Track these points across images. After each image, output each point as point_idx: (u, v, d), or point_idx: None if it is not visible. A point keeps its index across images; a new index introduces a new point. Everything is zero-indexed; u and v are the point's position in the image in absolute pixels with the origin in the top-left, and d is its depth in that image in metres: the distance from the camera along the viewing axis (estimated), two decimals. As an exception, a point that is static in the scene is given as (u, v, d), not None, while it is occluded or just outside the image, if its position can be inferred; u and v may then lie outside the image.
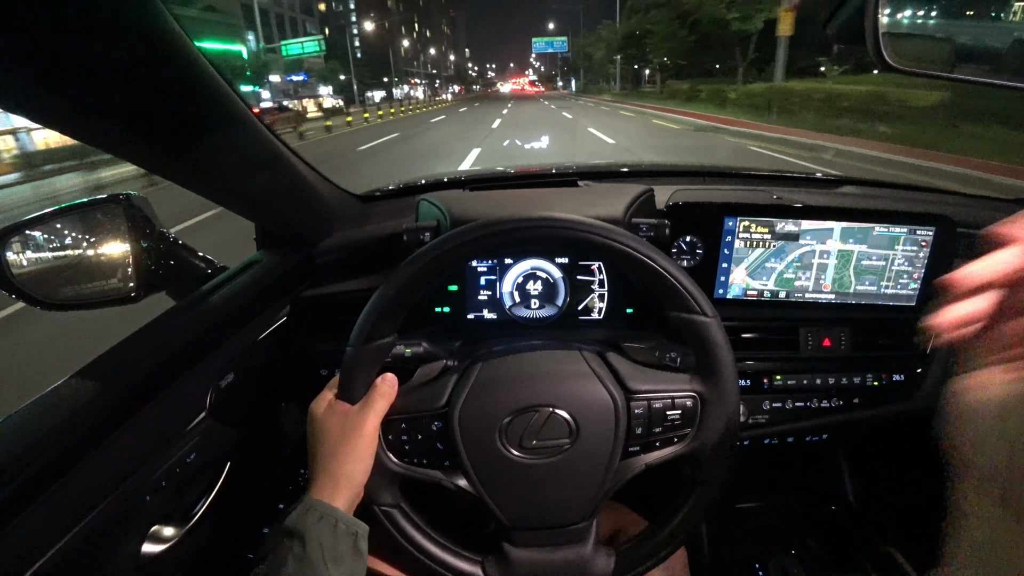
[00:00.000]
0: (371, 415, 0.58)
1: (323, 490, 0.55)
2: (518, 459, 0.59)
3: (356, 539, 0.53)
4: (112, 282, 0.74)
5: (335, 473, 0.56)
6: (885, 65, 0.69)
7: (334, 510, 0.53)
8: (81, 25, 0.42)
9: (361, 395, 0.59)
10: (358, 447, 0.57)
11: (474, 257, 0.79)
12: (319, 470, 0.57)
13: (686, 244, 0.86)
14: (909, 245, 0.82)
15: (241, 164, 0.69)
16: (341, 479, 0.56)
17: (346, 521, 0.54)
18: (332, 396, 0.60)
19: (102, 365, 0.62)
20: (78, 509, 0.52)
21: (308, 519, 0.52)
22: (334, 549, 0.51)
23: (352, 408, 0.58)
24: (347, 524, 0.53)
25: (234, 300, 0.78)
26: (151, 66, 0.49)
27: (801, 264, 0.84)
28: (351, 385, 0.59)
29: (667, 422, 0.60)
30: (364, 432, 0.57)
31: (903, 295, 0.84)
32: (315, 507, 0.53)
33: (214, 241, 4.56)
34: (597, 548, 0.63)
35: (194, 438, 0.66)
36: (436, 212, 0.86)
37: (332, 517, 0.53)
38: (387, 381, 0.60)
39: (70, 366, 0.61)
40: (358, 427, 0.57)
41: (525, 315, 0.86)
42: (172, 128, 0.57)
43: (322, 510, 0.53)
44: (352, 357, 0.58)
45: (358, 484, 0.58)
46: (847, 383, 0.88)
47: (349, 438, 0.57)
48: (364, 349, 0.58)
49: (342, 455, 0.56)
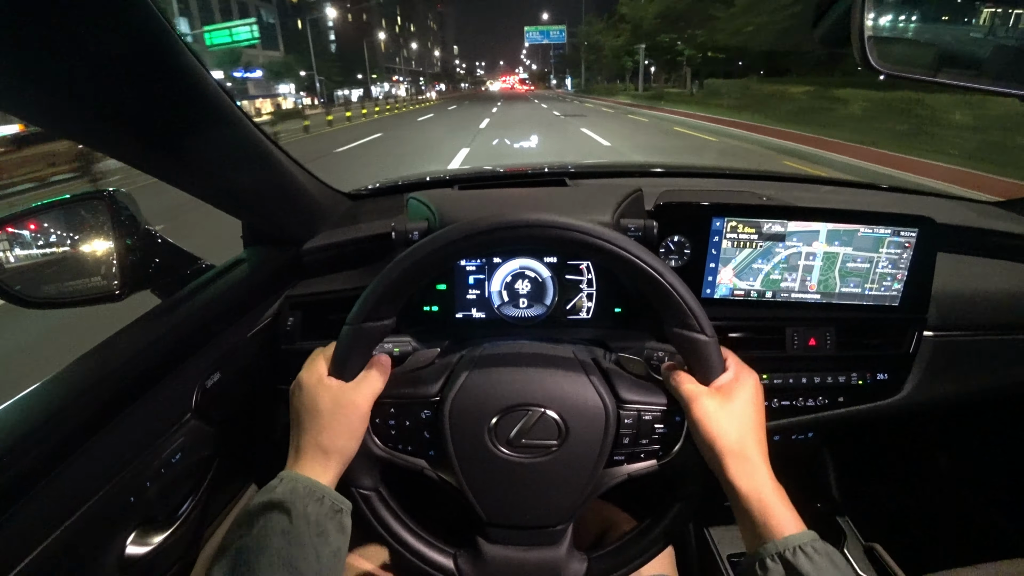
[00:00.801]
0: (368, 392, 0.57)
1: (311, 464, 0.54)
2: (504, 456, 0.59)
3: (341, 515, 0.53)
4: (96, 280, 0.73)
5: (327, 447, 0.55)
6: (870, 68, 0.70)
7: (321, 485, 0.53)
8: (65, 19, 0.41)
9: (354, 374, 0.58)
10: (353, 423, 0.56)
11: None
12: (308, 443, 0.56)
13: (674, 244, 0.87)
14: (893, 248, 0.83)
15: (228, 161, 0.68)
16: (333, 454, 0.55)
17: (332, 497, 0.53)
18: (322, 369, 0.59)
19: (85, 364, 0.61)
20: (61, 511, 0.51)
21: (295, 493, 0.51)
22: (320, 524, 0.50)
23: (347, 384, 0.57)
24: (333, 500, 0.53)
25: (221, 298, 0.77)
26: (137, 61, 0.48)
27: (787, 265, 0.85)
28: (345, 362, 0.58)
29: (655, 435, 0.61)
30: (359, 408, 0.56)
31: (887, 295, 0.86)
32: (301, 481, 0.52)
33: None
34: (571, 552, 0.63)
35: (180, 438, 0.65)
36: (425, 211, 0.85)
37: (319, 492, 0.52)
38: (382, 362, 0.60)
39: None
40: (353, 403, 0.56)
41: (513, 314, 0.86)
42: (157, 124, 0.56)
43: (309, 484, 0.52)
44: (349, 335, 0.57)
45: (347, 460, 0.57)
46: (832, 382, 0.89)
47: (344, 413, 0.56)
48: (362, 328, 0.57)
49: (335, 430, 0.55)
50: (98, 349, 0.64)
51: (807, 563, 0.47)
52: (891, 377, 0.90)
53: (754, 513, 0.52)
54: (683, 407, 0.58)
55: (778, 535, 0.50)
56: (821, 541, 0.49)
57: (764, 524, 0.51)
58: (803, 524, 0.51)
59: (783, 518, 0.51)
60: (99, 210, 0.73)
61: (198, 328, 0.72)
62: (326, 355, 0.60)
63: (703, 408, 0.55)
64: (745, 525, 0.54)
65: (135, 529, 0.62)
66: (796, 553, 0.48)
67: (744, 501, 0.53)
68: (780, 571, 0.48)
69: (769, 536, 0.50)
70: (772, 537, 0.50)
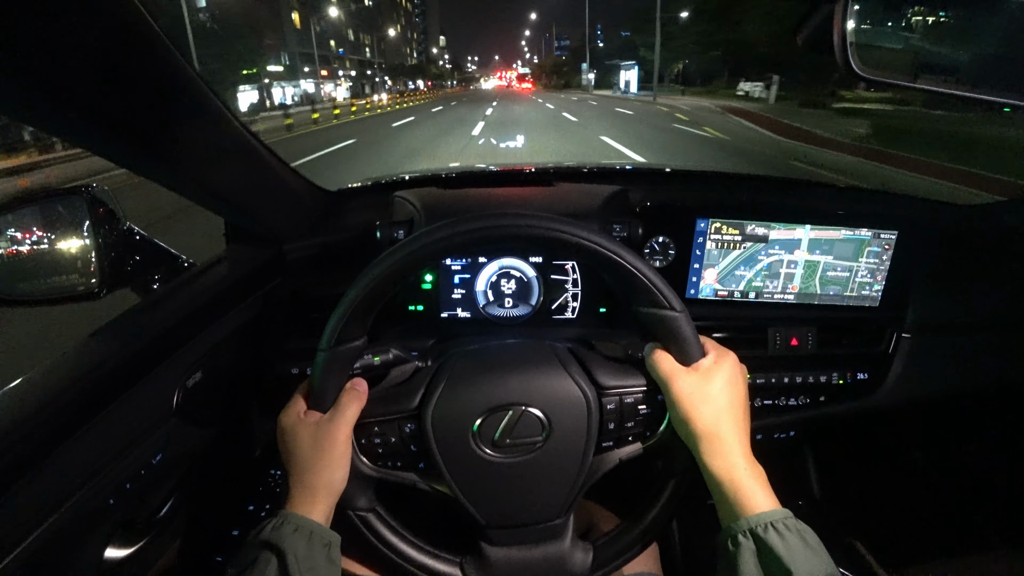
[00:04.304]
0: (342, 423, 0.57)
1: (300, 502, 0.55)
2: (492, 458, 0.59)
3: (329, 549, 0.54)
4: (74, 277, 0.72)
5: (312, 484, 0.56)
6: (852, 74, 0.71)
7: (309, 522, 0.54)
8: (47, 13, 0.40)
9: (332, 401, 0.58)
10: (333, 456, 0.56)
11: (443, 257, 0.79)
12: (295, 483, 0.56)
13: (659, 244, 0.88)
14: (871, 258, 0.85)
15: (210, 157, 0.67)
16: (319, 490, 0.56)
17: (320, 532, 0.54)
18: (300, 407, 0.59)
19: (63, 363, 0.60)
20: (38, 513, 0.50)
21: (284, 531, 0.52)
22: (309, 559, 0.51)
23: (323, 417, 0.58)
24: (321, 535, 0.54)
25: (202, 297, 0.76)
26: (118, 56, 0.48)
27: (769, 273, 0.87)
28: (322, 390, 0.58)
29: (639, 416, 0.61)
30: (337, 441, 0.56)
31: (867, 296, 0.88)
32: (290, 519, 0.53)
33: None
34: (574, 543, 0.64)
35: (160, 439, 0.64)
36: (410, 209, 0.85)
37: (307, 529, 0.53)
38: (357, 385, 0.60)
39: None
40: (330, 436, 0.56)
41: (499, 314, 0.86)
42: (138, 120, 0.55)
43: (297, 522, 0.53)
44: (322, 360, 0.57)
45: (337, 492, 0.58)
46: (814, 381, 0.90)
47: (323, 448, 0.56)
48: (335, 352, 0.57)
49: (318, 466, 0.56)
50: (77, 348, 0.63)
51: (778, 539, 0.47)
52: (870, 376, 0.92)
53: (726, 491, 0.53)
54: (661, 388, 0.59)
55: (750, 512, 0.51)
56: (794, 519, 0.50)
57: (736, 502, 0.52)
58: (777, 503, 0.52)
59: (756, 496, 0.52)
60: (77, 206, 0.71)
61: (179, 327, 0.71)
62: (302, 391, 0.60)
63: (680, 389, 0.56)
64: (719, 504, 0.55)
65: (114, 532, 0.61)
66: (767, 529, 0.48)
67: (717, 480, 0.54)
68: (751, 547, 0.49)
69: (741, 513, 0.51)
70: (744, 514, 0.51)
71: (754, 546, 0.48)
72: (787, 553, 0.46)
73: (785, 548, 0.47)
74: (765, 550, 0.48)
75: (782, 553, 0.46)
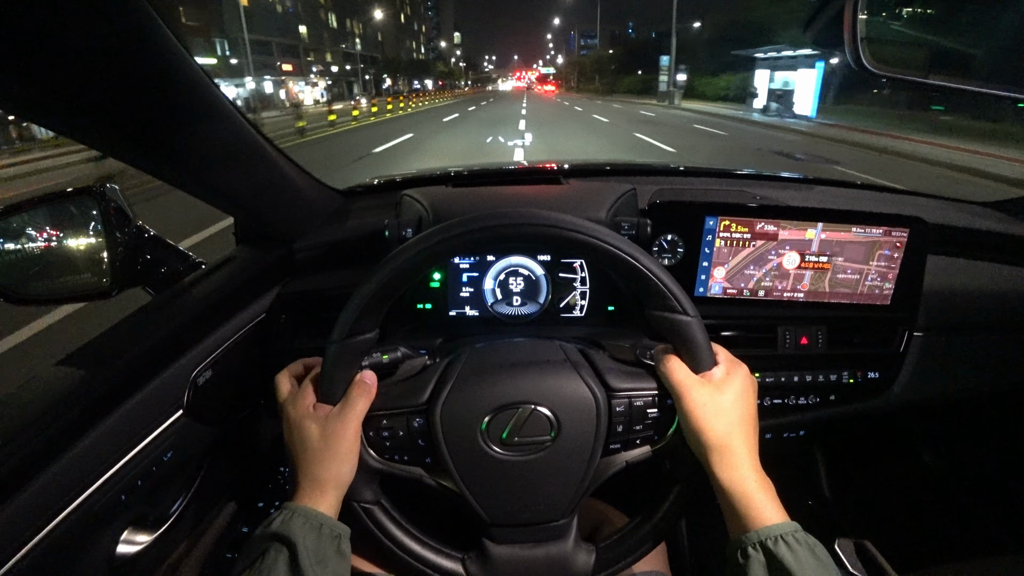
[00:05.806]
0: (351, 416, 0.57)
1: (309, 495, 0.55)
2: (499, 456, 0.59)
3: (339, 541, 0.54)
4: (86, 276, 0.73)
5: (320, 477, 0.56)
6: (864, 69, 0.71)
7: (318, 514, 0.54)
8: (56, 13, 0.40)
9: (341, 394, 0.58)
10: (342, 450, 0.56)
11: (456, 254, 0.79)
12: (303, 475, 0.56)
13: (667, 242, 0.87)
14: (882, 261, 0.84)
15: (220, 157, 0.68)
16: (327, 482, 0.56)
17: (329, 524, 0.54)
18: (309, 399, 0.59)
19: (76, 361, 0.61)
20: (50, 508, 0.51)
21: (294, 524, 0.52)
22: (319, 552, 0.51)
23: (332, 410, 0.58)
24: (331, 527, 0.54)
25: (213, 296, 0.76)
26: (128, 55, 0.48)
27: (779, 273, 0.86)
28: (332, 383, 0.58)
29: (647, 420, 0.61)
30: (346, 435, 0.57)
31: (878, 295, 0.87)
32: (300, 512, 0.53)
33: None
34: (578, 544, 0.64)
35: (171, 436, 0.65)
36: (419, 209, 0.85)
37: (317, 521, 0.53)
38: (366, 378, 0.60)
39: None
40: (339, 430, 0.56)
41: (507, 312, 0.86)
42: (149, 120, 0.56)
43: (306, 515, 0.53)
44: (334, 353, 0.57)
45: (345, 484, 0.58)
46: (824, 380, 0.90)
47: (331, 442, 0.56)
48: (346, 344, 0.57)
49: (326, 459, 0.56)
50: (89, 345, 0.64)
51: (787, 553, 0.47)
52: (881, 376, 0.91)
53: (736, 504, 0.53)
54: (673, 396, 0.59)
55: (760, 525, 0.51)
56: (804, 533, 0.50)
57: (746, 515, 0.52)
58: (786, 515, 0.52)
59: (765, 508, 0.52)
60: (89, 206, 0.72)
61: (190, 325, 0.72)
62: (311, 383, 0.60)
63: (693, 401, 0.56)
64: (729, 516, 0.55)
65: (126, 527, 0.62)
66: (777, 542, 0.48)
67: (728, 492, 0.54)
68: (761, 559, 0.48)
69: (751, 526, 0.51)
70: (754, 527, 0.51)
71: (764, 559, 0.48)
72: (797, 566, 0.46)
73: (795, 561, 0.47)
74: (775, 563, 0.47)
75: (792, 566, 0.46)
